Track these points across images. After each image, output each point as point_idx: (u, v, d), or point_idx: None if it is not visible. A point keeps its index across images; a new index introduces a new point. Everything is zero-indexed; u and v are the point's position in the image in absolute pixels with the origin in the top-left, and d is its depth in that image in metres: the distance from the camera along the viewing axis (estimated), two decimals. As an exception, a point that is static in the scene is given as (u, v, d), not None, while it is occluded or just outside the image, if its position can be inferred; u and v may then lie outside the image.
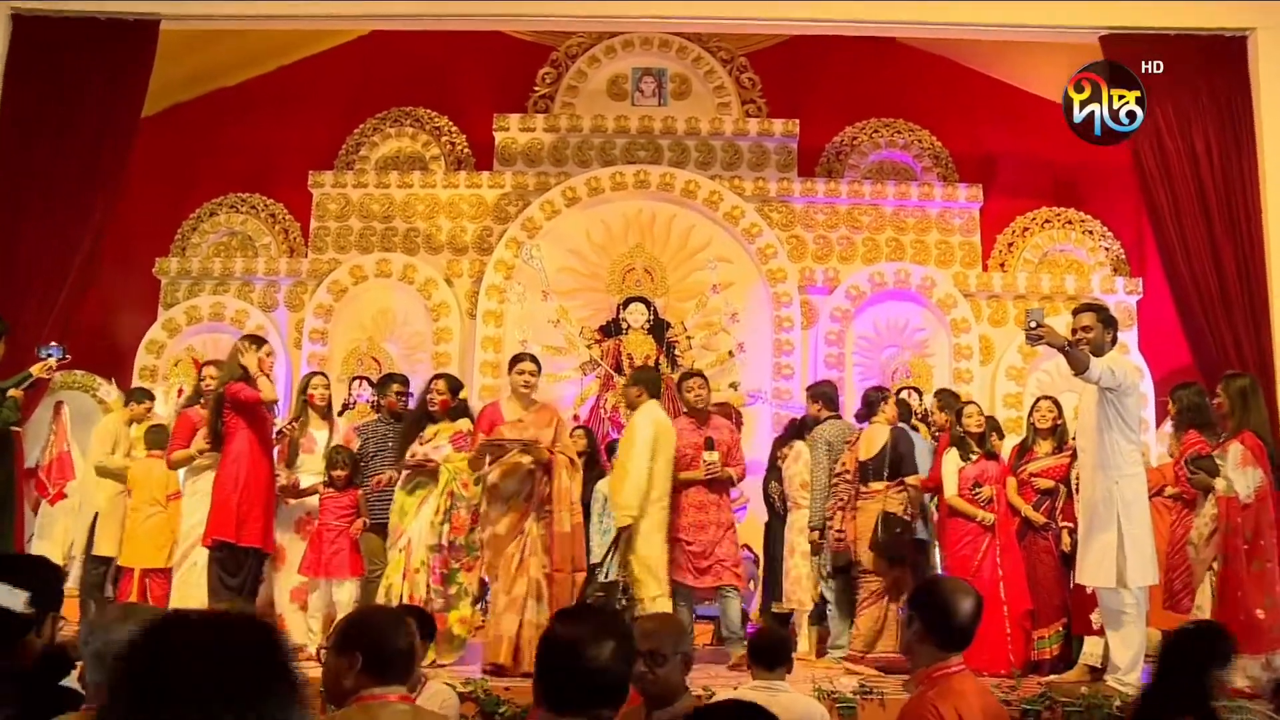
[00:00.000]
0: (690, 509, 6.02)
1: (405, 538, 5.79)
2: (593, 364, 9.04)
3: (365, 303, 9.47)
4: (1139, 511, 5.09)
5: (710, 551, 5.98)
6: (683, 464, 6.02)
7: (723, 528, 6.06)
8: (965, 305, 9.34)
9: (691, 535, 6.00)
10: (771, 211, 9.57)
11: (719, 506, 6.10)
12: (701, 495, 6.06)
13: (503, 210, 9.60)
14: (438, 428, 5.98)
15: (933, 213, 9.70)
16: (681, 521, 6.00)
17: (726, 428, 6.22)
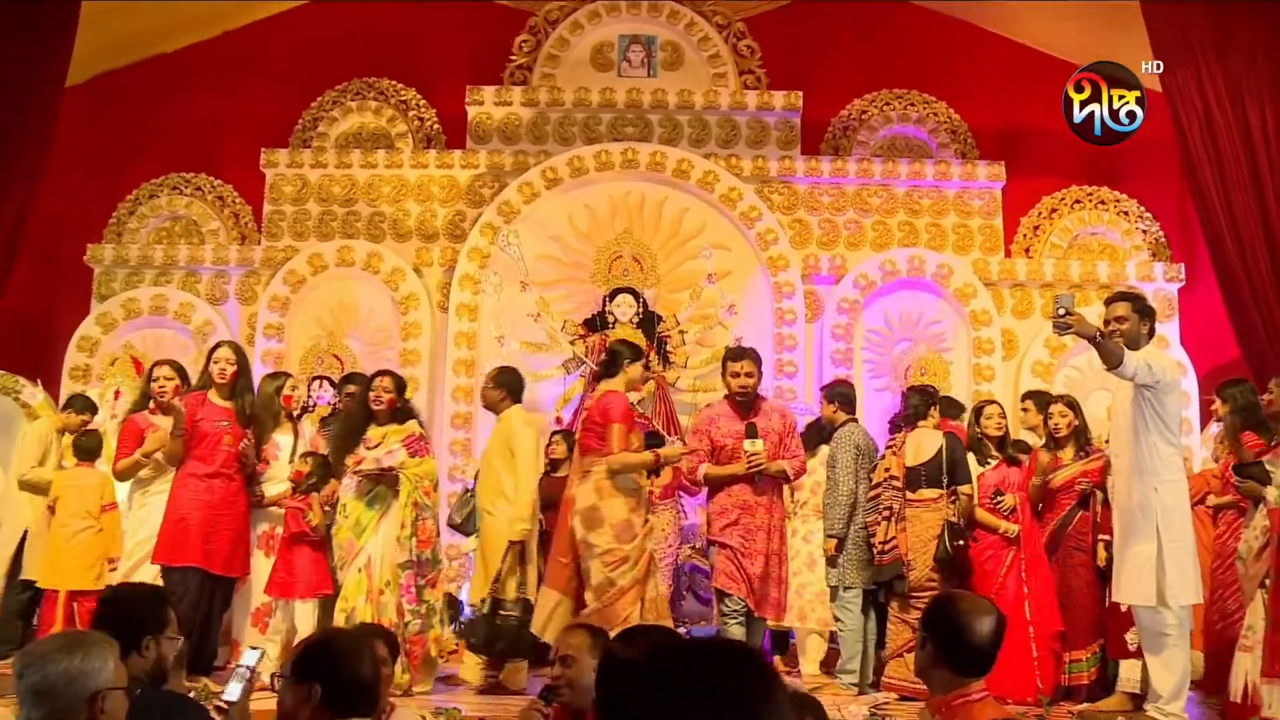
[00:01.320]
0: (734, 509, 5.65)
1: (365, 556, 5.79)
2: (576, 361, 8.91)
3: (325, 295, 9.43)
4: (1180, 522, 5.04)
5: (767, 572, 5.59)
6: (722, 457, 5.75)
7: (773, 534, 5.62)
8: (986, 295, 9.30)
9: (737, 539, 5.62)
10: (772, 193, 9.54)
11: (769, 510, 5.69)
12: (746, 494, 5.68)
13: (476, 193, 9.57)
14: (385, 430, 5.97)
15: (950, 193, 9.64)
16: (721, 524, 5.67)
17: (778, 414, 5.90)
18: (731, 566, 5.56)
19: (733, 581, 5.54)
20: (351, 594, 5.73)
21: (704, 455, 5.71)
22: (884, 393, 9.14)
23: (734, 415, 5.74)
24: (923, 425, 6.38)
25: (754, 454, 5.55)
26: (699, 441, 5.76)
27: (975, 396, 8.57)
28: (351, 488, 5.86)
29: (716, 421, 5.74)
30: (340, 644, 2.61)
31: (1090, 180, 9.65)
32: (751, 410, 5.78)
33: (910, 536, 6.13)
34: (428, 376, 9.09)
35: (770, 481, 5.69)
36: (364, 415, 6.00)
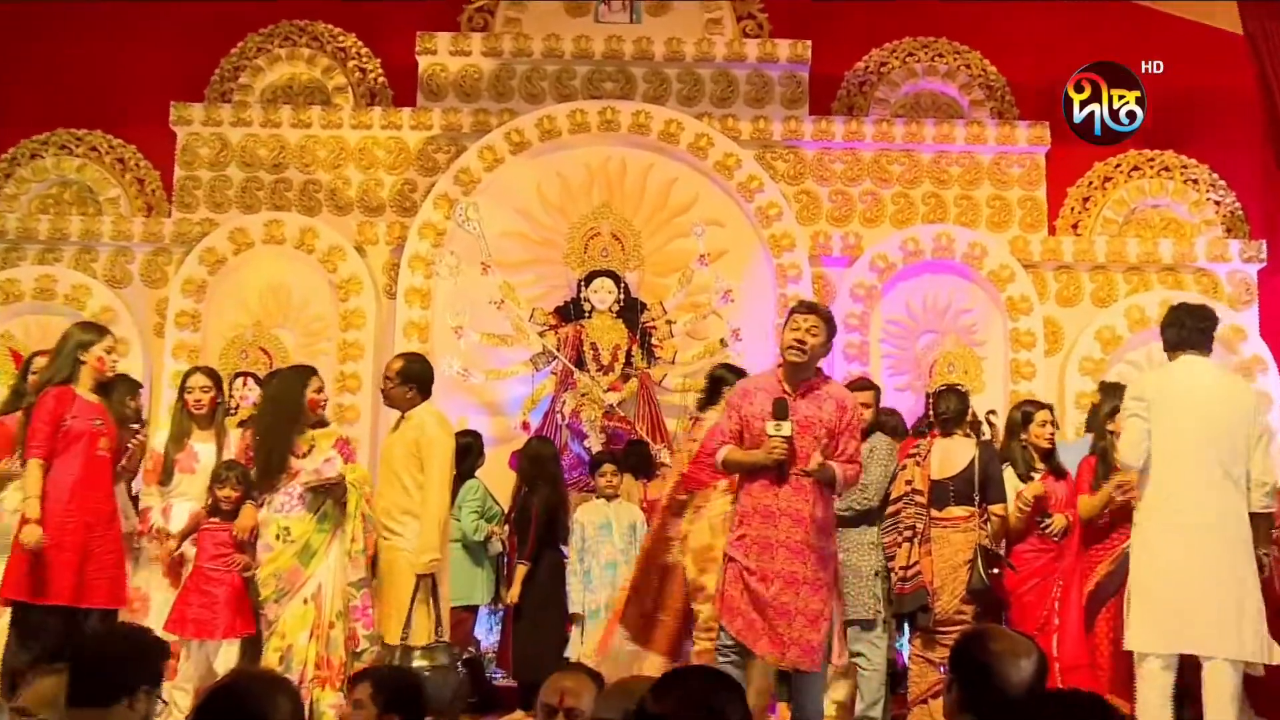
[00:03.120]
0: (752, 516, 5.11)
1: (314, 584, 5.79)
2: (546, 356, 8.88)
3: (250, 277, 9.40)
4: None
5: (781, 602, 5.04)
6: (749, 441, 5.19)
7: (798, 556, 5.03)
8: (1026, 279, 9.28)
9: (749, 554, 5.09)
10: (776, 160, 9.54)
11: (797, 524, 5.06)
12: (768, 496, 5.08)
13: (429, 158, 9.56)
14: (312, 435, 6.00)
15: (984, 160, 9.59)
16: (735, 533, 5.19)
17: (834, 401, 5.17)
18: (734, 590, 5.10)
19: (727, 611, 5.11)
20: (292, 629, 5.71)
21: (730, 435, 5.26)
22: (905, 393, 9.12)
23: (775, 389, 5.17)
24: (955, 434, 6.42)
25: (777, 441, 4.96)
26: (728, 418, 5.32)
27: (1012, 397, 8.58)
28: (291, 505, 5.87)
29: (752, 395, 5.23)
30: (251, 686, 2.65)
31: (1152, 143, 9.56)
32: (798, 386, 5.18)
33: (936, 561, 6.11)
34: (372, 373, 8.99)
35: (805, 486, 5.06)
36: (294, 422, 6.02)
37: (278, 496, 5.89)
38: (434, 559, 5.76)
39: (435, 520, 5.79)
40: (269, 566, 5.84)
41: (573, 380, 8.72)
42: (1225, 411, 5.26)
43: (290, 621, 5.74)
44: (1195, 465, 5.20)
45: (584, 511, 6.89)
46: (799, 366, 5.14)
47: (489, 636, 7.77)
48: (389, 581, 5.91)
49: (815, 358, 5.19)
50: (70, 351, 5.85)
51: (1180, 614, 5.13)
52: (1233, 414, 5.26)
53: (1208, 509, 5.17)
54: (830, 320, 5.25)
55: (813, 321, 5.16)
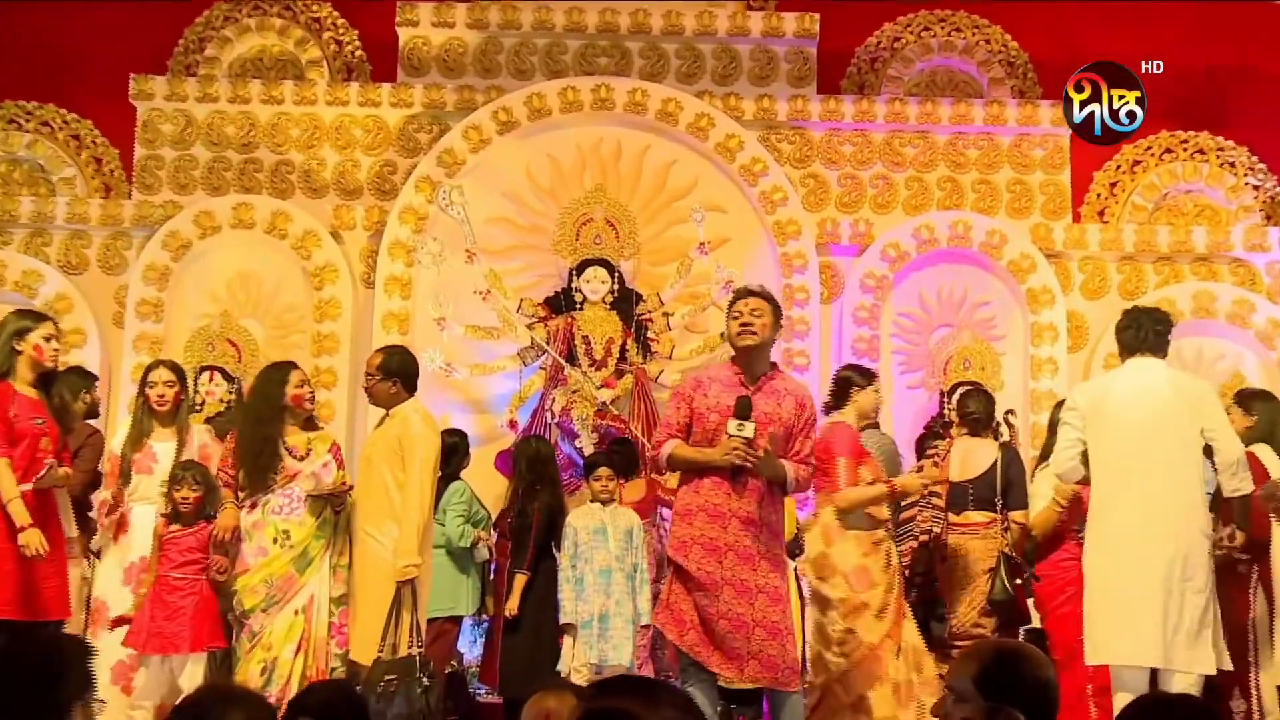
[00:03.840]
0: (699, 515, 5.05)
1: (307, 594, 5.83)
2: (535, 350, 8.84)
3: (217, 264, 9.36)
4: None
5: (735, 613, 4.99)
6: (699, 436, 5.17)
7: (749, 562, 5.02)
8: (1048, 270, 9.24)
9: (695, 560, 5.03)
10: (781, 142, 9.52)
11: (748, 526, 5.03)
12: (719, 495, 5.04)
13: (411, 138, 9.53)
14: (307, 436, 6.06)
15: (1004, 142, 9.56)
16: (680, 535, 5.12)
17: (793, 398, 5.22)
18: (680, 600, 5.05)
19: (675, 622, 5.04)
20: (279, 641, 5.73)
21: (677, 427, 5.21)
22: (917, 391, 9.16)
23: (732, 382, 5.19)
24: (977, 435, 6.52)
25: (737, 443, 4.93)
26: (676, 409, 5.27)
27: (1033, 396, 8.81)
28: (292, 507, 5.92)
29: (705, 387, 5.21)
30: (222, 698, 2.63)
31: (1186, 124, 9.57)
32: (756, 380, 5.20)
33: (954, 569, 6.18)
34: (348, 368, 9.01)
35: (760, 487, 5.08)
36: (281, 418, 6.08)
37: (274, 498, 5.91)
38: (412, 564, 5.73)
39: (415, 523, 5.76)
40: (261, 571, 5.84)
41: (563, 376, 8.69)
42: (1175, 408, 5.36)
43: (278, 633, 5.76)
44: (1139, 473, 5.32)
45: (577, 516, 6.87)
46: (754, 354, 5.17)
47: (472, 649, 7.77)
48: (365, 590, 5.88)
49: (766, 342, 5.22)
50: (5, 341, 5.70)
51: (1127, 626, 5.26)
52: (1182, 410, 5.37)
53: (1152, 517, 5.28)
54: (773, 301, 5.29)
55: (755, 304, 5.18)
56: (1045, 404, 8.32)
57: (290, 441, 6.02)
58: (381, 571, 5.81)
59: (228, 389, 8.12)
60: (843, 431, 5.87)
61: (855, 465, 5.74)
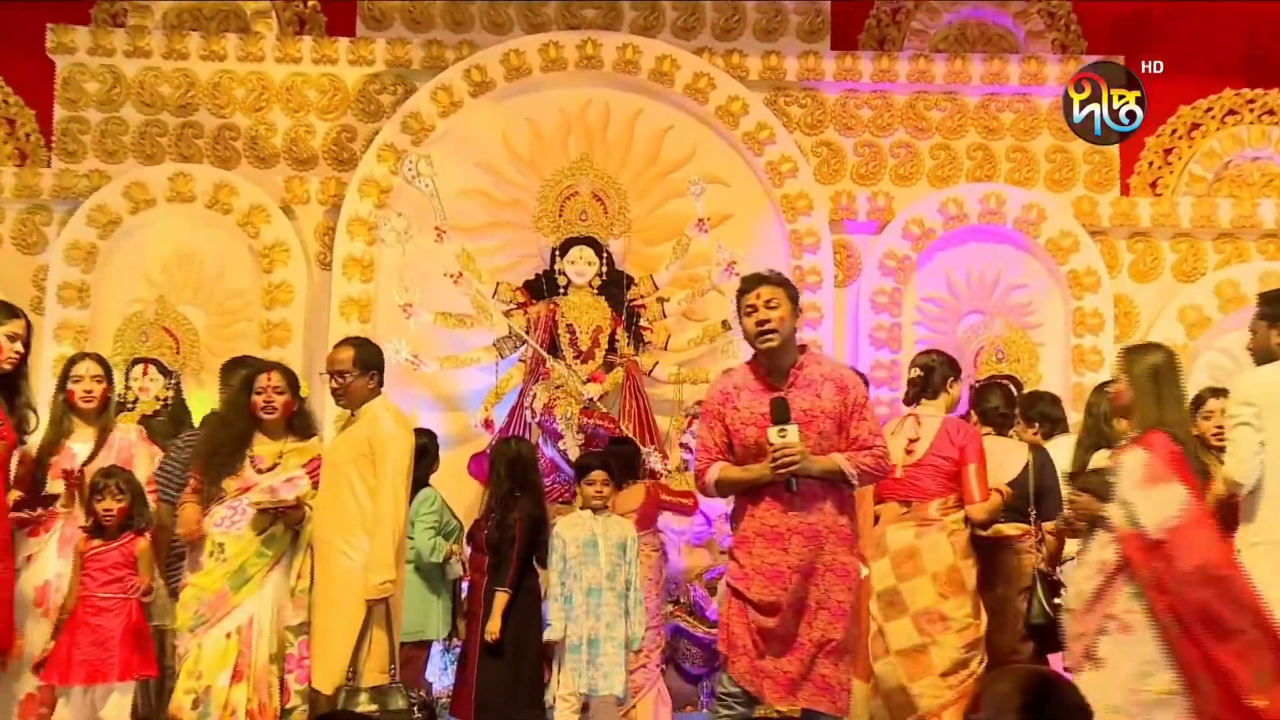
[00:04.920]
0: (756, 540, 5.09)
1: (243, 614, 5.80)
2: (513, 340, 8.80)
3: (151, 242, 9.30)
4: None
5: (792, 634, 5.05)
6: (744, 454, 5.16)
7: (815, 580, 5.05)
8: (1093, 249, 9.22)
9: (757, 586, 5.06)
10: (791, 105, 9.48)
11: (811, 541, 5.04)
12: (774, 514, 5.07)
13: (372, 100, 9.51)
14: (281, 447, 6.05)
15: (1043, 104, 9.49)
16: (740, 561, 5.15)
17: (832, 383, 5.18)
18: (738, 625, 5.09)
19: (731, 649, 5.11)
20: (211, 667, 5.71)
21: (717, 449, 5.22)
22: None
23: (759, 385, 5.14)
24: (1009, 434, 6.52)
25: (780, 449, 4.90)
26: (709, 429, 5.26)
27: (1076, 392, 8.59)
28: (233, 520, 5.90)
29: (734, 397, 5.17)
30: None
31: (1251, 81, 9.58)
32: (786, 376, 5.14)
33: (982, 589, 6.05)
34: (302, 361, 8.87)
35: (821, 492, 5.06)
36: (248, 422, 6.05)
37: (220, 509, 5.89)
38: (387, 580, 5.67)
39: (389, 533, 5.72)
40: (194, 587, 5.82)
41: (545, 369, 8.64)
42: None
43: (209, 659, 5.73)
44: None
45: (566, 526, 6.73)
46: (777, 352, 5.11)
47: (442, 678, 7.77)
48: (331, 611, 5.81)
49: (790, 333, 5.15)
50: None
51: None
52: None
53: None
54: (788, 284, 5.22)
55: (768, 294, 5.11)
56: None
57: (257, 450, 6.01)
58: (351, 589, 5.75)
59: (164, 385, 8.04)
60: (975, 434, 6.04)
61: (984, 471, 5.92)
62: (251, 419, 6.03)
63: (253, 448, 6.00)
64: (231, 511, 5.88)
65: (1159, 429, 5.00)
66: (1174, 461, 4.94)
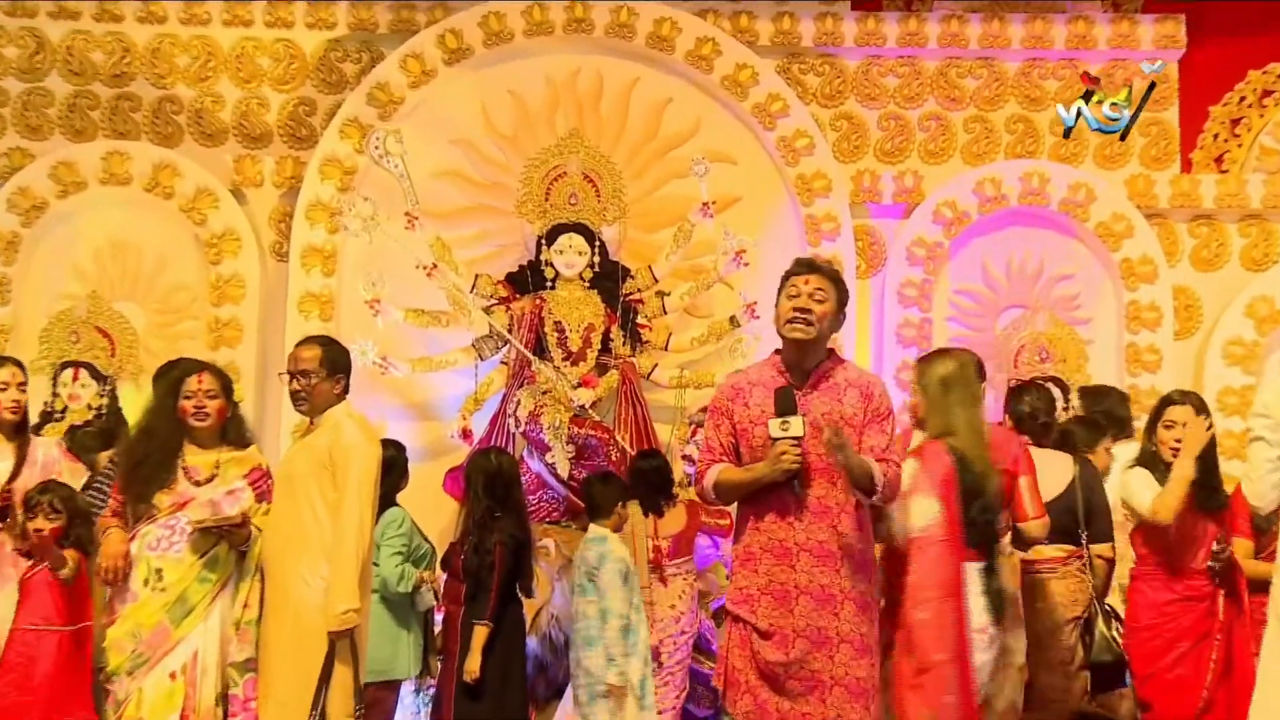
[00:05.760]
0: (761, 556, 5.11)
1: (187, 650, 5.76)
2: (494, 340, 8.66)
3: (83, 230, 9.26)
4: None
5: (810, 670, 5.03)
6: (750, 453, 5.18)
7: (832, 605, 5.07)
8: (1149, 235, 9.17)
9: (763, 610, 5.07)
10: (806, 73, 9.46)
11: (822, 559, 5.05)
12: (779, 528, 5.10)
13: (334, 70, 9.48)
14: (216, 456, 6.00)
15: (1092, 69, 8.99)
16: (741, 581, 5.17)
17: (856, 390, 5.20)
18: (739, 658, 5.13)
19: (731, 685, 5.15)
20: (156, 713, 5.68)
21: (721, 450, 5.26)
22: None
23: (777, 383, 5.17)
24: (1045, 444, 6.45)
25: (784, 442, 4.93)
26: (715, 427, 5.30)
27: (1132, 396, 8.53)
28: (170, 541, 5.84)
29: (745, 394, 5.20)
30: None
31: None
32: (808, 376, 5.16)
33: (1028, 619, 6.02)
34: (254, 364, 8.99)
35: (833, 507, 5.07)
36: (176, 430, 5.99)
37: (153, 528, 5.83)
38: (350, 610, 5.54)
39: (352, 556, 5.62)
40: (128, 621, 5.74)
41: (530, 373, 8.53)
42: None
43: (153, 703, 5.69)
44: None
45: (619, 544, 6.82)
46: (806, 347, 5.12)
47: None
48: (285, 646, 5.71)
49: (826, 333, 5.18)
50: None
51: None
52: None
53: None
54: (840, 282, 5.26)
55: (817, 283, 5.13)
56: (1146, 404, 8.06)
57: (190, 461, 5.92)
58: (308, 620, 5.64)
59: (98, 391, 8.04)
60: (1018, 442, 5.95)
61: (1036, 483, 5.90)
62: (180, 426, 5.95)
63: (184, 458, 5.92)
64: (168, 531, 5.79)
65: (940, 439, 5.34)
66: (940, 476, 5.22)
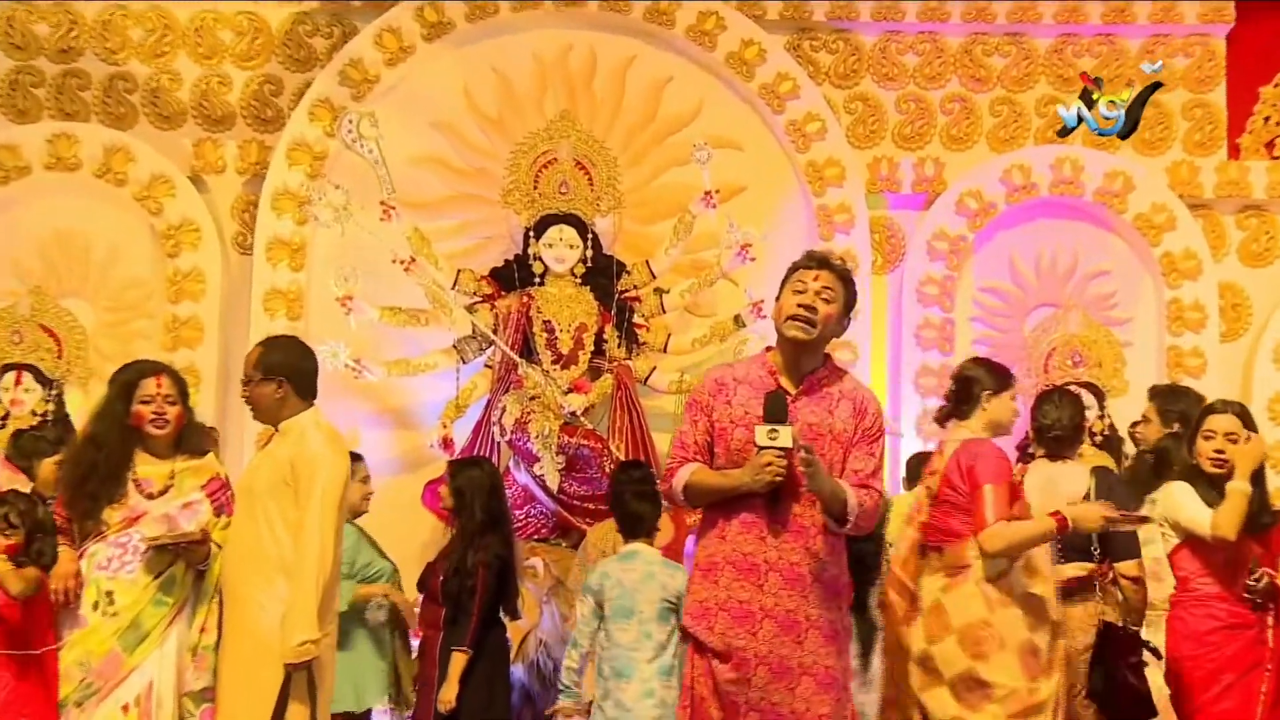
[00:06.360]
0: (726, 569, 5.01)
1: (142, 680, 5.69)
2: (478, 341, 8.65)
3: (25, 220, 9.24)
4: None
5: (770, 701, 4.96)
6: (725, 457, 5.09)
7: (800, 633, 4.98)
8: (1193, 226, 9.16)
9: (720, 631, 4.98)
10: (818, 51, 9.48)
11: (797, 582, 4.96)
12: (750, 541, 5.00)
13: (303, 46, 9.46)
14: (171, 466, 5.88)
15: (1132, 46, 9.47)
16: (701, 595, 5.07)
17: (849, 401, 5.13)
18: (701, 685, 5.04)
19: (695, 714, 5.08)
20: None
21: (695, 448, 5.12)
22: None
23: (766, 383, 5.07)
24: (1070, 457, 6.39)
25: (770, 453, 4.81)
26: (692, 423, 5.14)
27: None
28: (123, 561, 5.77)
29: (729, 390, 5.06)
30: None
31: None
32: (800, 381, 5.06)
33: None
34: (216, 366, 9.00)
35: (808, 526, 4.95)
36: (127, 438, 5.86)
37: (103, 547, 5.76)
38: (307, 641, 5.35)
39: (313, 580, 5.46)
40: (77, 649, 5.67)
41: (517, 377, 8.48)
42: None
43: None
44: None
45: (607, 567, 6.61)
46: (803, 349, 5.03)
47: None
48: (240, 675, 5.58)
49: (827, 337, 5.11)
50: None
51: None
52: None
53: None
54: (851, 282, 5.17)
55: (826, 280, 5.04)
56: None
57: (142, 472, 5.80)
58: (265, 649, 5.49)
59: (43, 396, 8.09)
60: (988, 450, 5.72)
61: (1009, 494, 5.59)
62: (130, 434, 5.82)
63: (135, 469, 5.80)
64: (119, 550, 5.70)
65: None
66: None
